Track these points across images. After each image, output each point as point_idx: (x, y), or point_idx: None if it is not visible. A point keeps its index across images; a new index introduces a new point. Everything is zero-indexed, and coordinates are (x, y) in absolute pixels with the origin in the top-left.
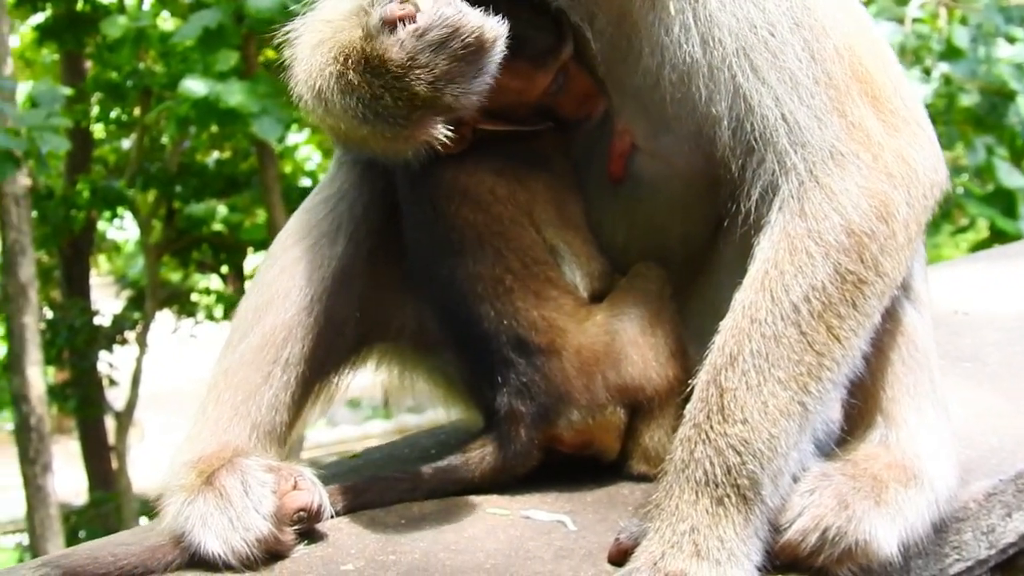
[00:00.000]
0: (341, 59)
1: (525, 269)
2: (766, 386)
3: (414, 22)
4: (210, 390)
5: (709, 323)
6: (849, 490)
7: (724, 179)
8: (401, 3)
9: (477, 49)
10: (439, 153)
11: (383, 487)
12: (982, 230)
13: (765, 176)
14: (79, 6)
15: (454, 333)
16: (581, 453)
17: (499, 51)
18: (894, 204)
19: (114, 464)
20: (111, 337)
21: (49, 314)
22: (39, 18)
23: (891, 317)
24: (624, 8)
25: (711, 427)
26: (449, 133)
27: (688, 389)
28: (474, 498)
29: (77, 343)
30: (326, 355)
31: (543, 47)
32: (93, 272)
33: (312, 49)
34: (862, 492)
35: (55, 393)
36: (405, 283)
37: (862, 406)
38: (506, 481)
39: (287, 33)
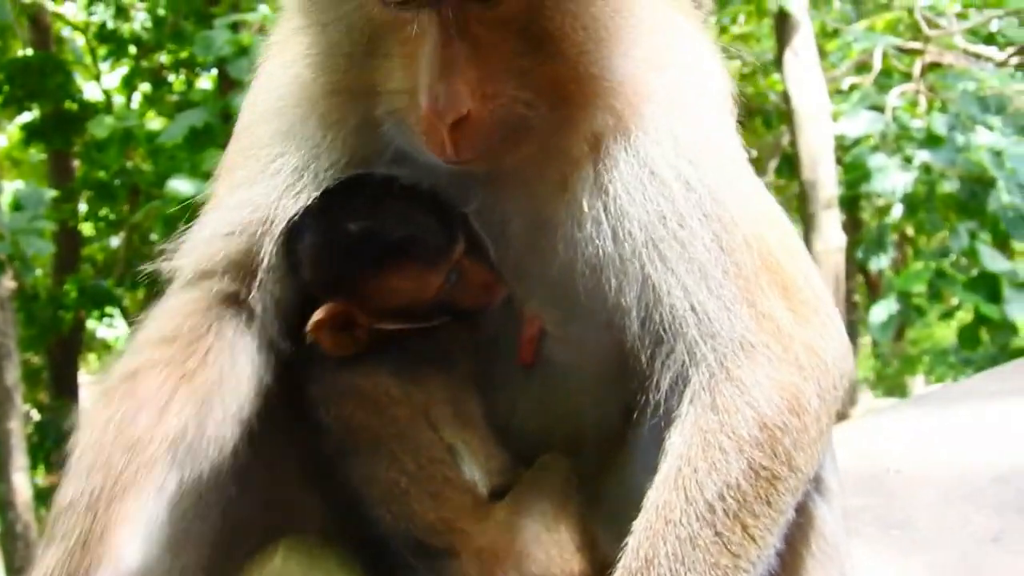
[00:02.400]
0: None
1: (421, 470)
2: None
3: None
4: None
5: (622, 508)
6: None
7: (635, 369)
8: None
9: None
10: (333, 355)
11: None
12: (971, 311)
13: (674, 367)
14: (66, 105)
15: (352, 535)
16: None
17: None
18: (805, 397)
19: None
20: None
21: (37, 416)
22: (26, 117)
23: (801, 511)
24: (538, 208)
25: None
26: (342, 337)
27: None
28: None
29: (66, 446)
30: (230, 550)
31: (433, 248)
32: (83, 372)
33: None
34: None
35: (44, 497)
36: (307, 477)
37: None
38: None
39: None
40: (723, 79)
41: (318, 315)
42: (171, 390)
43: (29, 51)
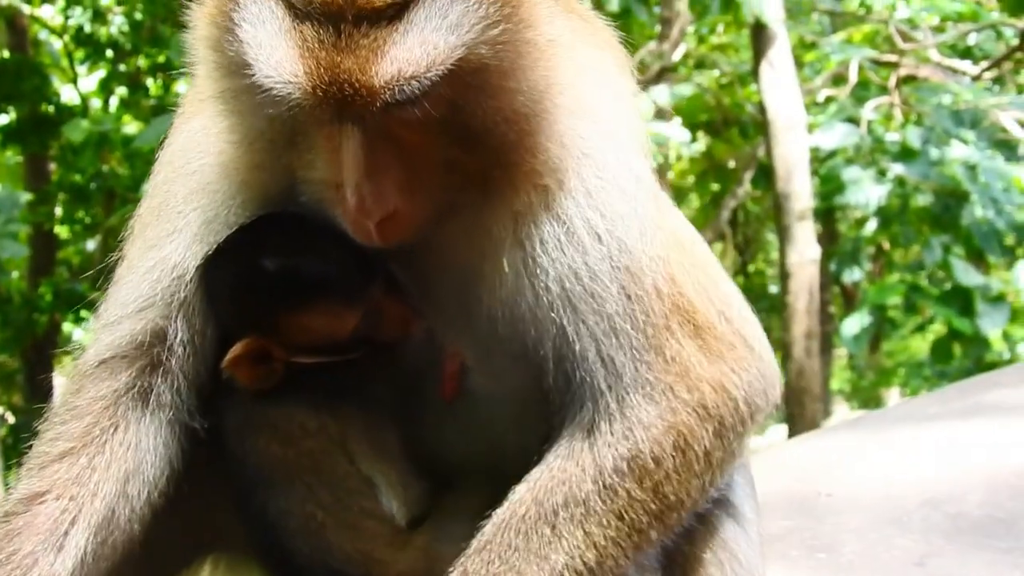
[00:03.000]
0: None
1: (338, 502)
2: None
3: None
4: None
5: None
6: None
7: (553, 403)
8: None
9: None
10: (248, 388)
11: None
12: (945, 324)
13: (580, 409)
14: (43, 108)
15: (271, 566)
16: None
17: None
18: (696, 436)
19: None
20: None
21: (11, 419)
22: (2, 120)
23: (712, 535)
24: (461, 263)
25: None
26: (258, 370)
27: None
28: None
29: None
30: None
31: (351, 287)
32: (57, 375)
33: None
34: None
35: None
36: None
37: None
38: None
39: None
40: (635, 119)
41: (235, 351)
42: (70, 519)
43: (5, 53)
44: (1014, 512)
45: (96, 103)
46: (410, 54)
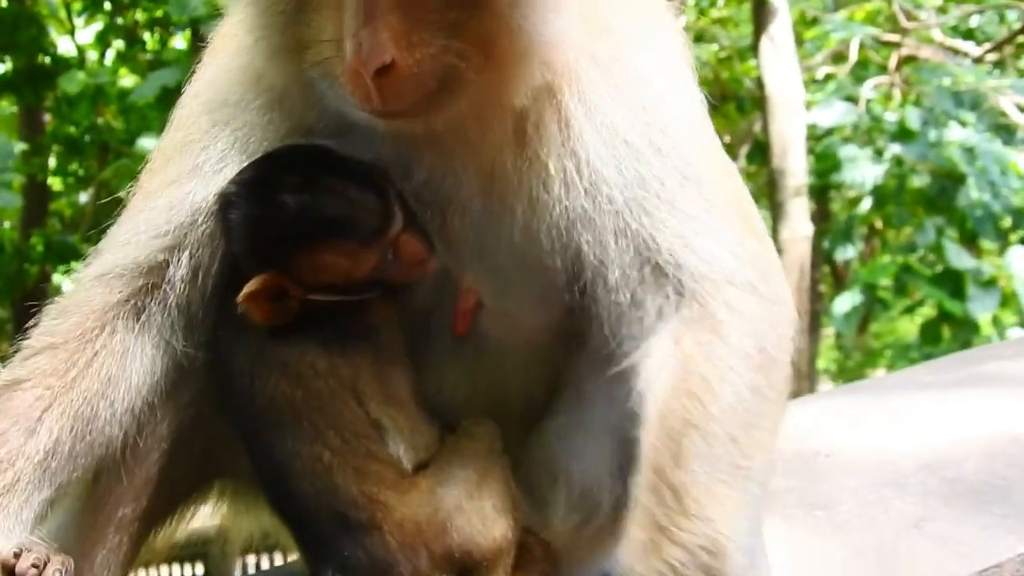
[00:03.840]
0: None
1: (345, 444)
2: (715, 486)
3: None
4: None
5: (542, 475)
6: None
7: (566, 339)
8: None
9: None
10: (261, 326)
11: None
12: (935, 306)
13: (663, 306)
14: (39, 59)
15: (277, 505)
16: None
17: None
18: (787, 326)
19: None
20: None
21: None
22: None
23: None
24: (490, 170)
25: (676, 527)
26: (273, 307)
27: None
28: None
29: None
30: (164, 505)
31: (370, 226)
32: None
33: None
34: None
35: None
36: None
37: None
38: None
39: None
40: (679, 42)
41: (251, 286)
42: (44, 406)
43: (3, 3)
44: (1010, 479)
45: (93, 55)
46: None
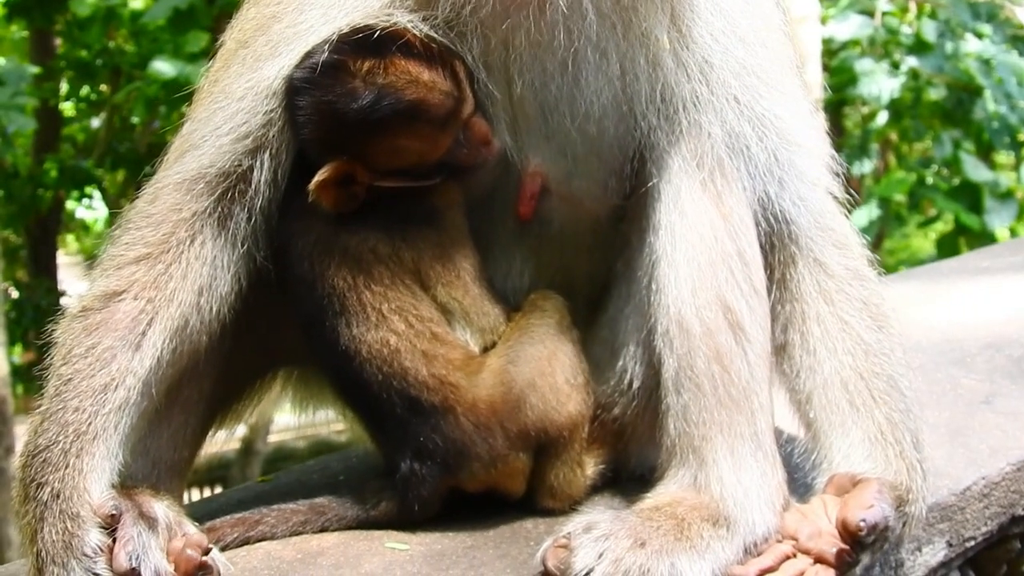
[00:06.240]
0: None
1: (410, 328)
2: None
3: None
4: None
5: (607, 353)
6: (646, 529)
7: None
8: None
9: None
10: (326, 210)
11: (277, 518)
12: (949, 221)
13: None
14: None
15: (345, 393)
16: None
17: None
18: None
19: None
20: None
21: (15, 294)
22: None
23: (718, 357)
24: (599, 35)
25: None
26: (341, 193)
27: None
28: (374, 531)
29: (43, 323)
30: (228, 390)
31: (445, 110)
32: (61, 252)
33: None
34: (661, 530)
35: (21, 374)
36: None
37: (676, 443)
38: (404, 524)
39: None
40: None
41: (323, 173)
42: (147, 319)
43: None
44: None
45: None
46: None
